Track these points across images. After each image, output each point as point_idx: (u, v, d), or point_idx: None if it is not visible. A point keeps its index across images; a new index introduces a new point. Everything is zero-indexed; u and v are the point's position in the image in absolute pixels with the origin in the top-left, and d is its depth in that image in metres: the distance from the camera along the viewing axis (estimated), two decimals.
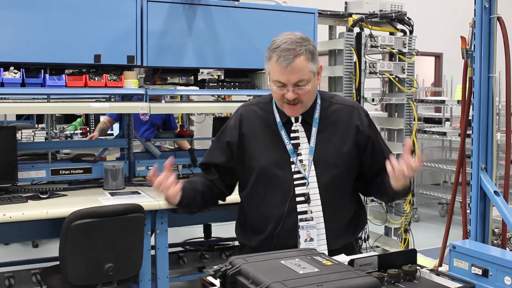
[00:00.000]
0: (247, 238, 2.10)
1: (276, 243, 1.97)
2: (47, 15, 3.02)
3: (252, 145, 2.02)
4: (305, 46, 1.93)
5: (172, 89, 3.50)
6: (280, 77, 1.91)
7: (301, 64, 1.90)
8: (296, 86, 1.91)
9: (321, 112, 2.04)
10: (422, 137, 7.20)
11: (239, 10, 3.49)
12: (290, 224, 1.96)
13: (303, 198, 1.96)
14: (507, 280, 1.51)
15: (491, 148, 2.15)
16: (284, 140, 1.99)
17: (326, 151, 1.99)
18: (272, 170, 1.98)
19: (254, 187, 2.02)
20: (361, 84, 4.43)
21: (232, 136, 2.05)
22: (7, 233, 2.90)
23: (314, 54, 1.96)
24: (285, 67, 1.89)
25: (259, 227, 2.02)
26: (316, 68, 1.98)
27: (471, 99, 2.18)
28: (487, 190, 2.11)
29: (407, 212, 4.76)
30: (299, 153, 1.98)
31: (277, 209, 1.97)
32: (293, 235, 1.96)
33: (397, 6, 4.67)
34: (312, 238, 1.96)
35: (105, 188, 3.39)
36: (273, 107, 2.06)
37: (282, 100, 1.96)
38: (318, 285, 1.29)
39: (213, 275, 1.45)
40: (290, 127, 2.01)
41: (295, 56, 1.89)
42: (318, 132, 2.00)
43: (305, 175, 1.96)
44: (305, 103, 1.97)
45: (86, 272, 2.74)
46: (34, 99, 3.98)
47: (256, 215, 2.04)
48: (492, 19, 2.10)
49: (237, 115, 2.09)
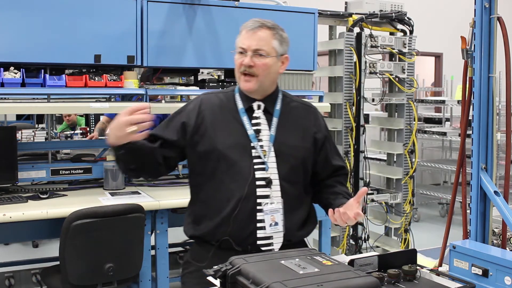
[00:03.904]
0: (198, 227, 2.03)
1: (233, 228, 1.92)
2: (47, 15, 3.02)
3: (211, 130, 1.99)
4: (276, 28, 2.00)
5: (172, 89, 3.50)
6: (243, 42, 1.97)
7: (265, 35, 1.96)
8: (255, 53, 1.94)
9: (282, 106, 2.07)
10: (422, 137, 7.20)
11: (239, 10, 3.49)
12: (248, 208, 1.92)
13: (263, 182, 1.94)
14: (507, 280, 1.51)
15: (491, 148, 2.15)
16: (246, 126, 1.99)
17: (286, 142, 2.01)
18: (232, 155, 1.96)
19: (212, 171, 1.98)
20: (361, 84, 4.43)
21: (189, 118, 2.01)
22: (7, 233, 2.90)
23: (283, 39, 2.01)
24: (250, 31, 1.96)
25: (214, 213, 1.96)
26: (281, 52, 2.01)
27: (471, 99, 2.18)
28: (487, 190, 2.11)
29: (407, 212, 4.76)
30: (260, 139, 1.98)
31: (235, 193, 1.93)
32: (252, 220, 1.92)
33: (397, 6, 4.68)
34: (277, 223, 1.94)
35: (105, 188, 3.39)
36: (234, 96, 2.06)
37: (240, 70, 1.98)
38: (318, 285, 1.29)
39: (213, 275, 1.45)
40: (252, 114, 2.02)
41: (262, 26, 1.97)
42: (278, 123, 2.02)
43: (265, 161, 1.96)
44: (260, 78, 1.97)
45: (86, 272, 2.74)
46: (34, 99, 3.97)
47: (211, 201, 1.99)
48: (492, 19, 2.10)
49: (197, 100, 2.08)
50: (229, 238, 1.92)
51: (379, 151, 5.80)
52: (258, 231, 1.92)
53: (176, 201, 3.06)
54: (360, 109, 4.48)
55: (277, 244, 1.95)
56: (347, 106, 4.45)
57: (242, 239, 1.93)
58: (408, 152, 4.72)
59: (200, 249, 2.03)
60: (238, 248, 1.93)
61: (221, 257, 1.88)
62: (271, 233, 1.94)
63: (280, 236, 1.96)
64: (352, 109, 4.47)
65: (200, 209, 2.03)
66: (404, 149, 4.72)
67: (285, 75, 3.64)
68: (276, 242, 1.95)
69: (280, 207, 1.95)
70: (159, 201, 3.01)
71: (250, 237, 1.93)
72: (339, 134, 4.54)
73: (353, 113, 4.47)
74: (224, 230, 1.93)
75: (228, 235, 1.93)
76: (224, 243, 1.94)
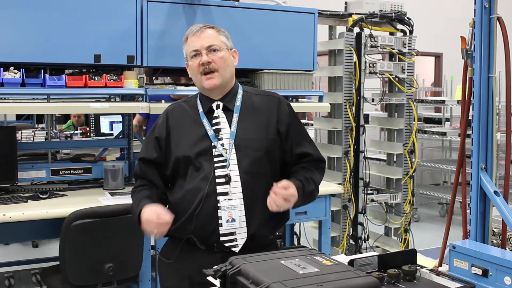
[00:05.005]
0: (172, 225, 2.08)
1: (196, 225, 1.99)
2: (47, 15, 3.02)
3: (177, 137, 2.08)
4: (217, 27, 2.11)
5: (172, 89, 3.50)
6: (194, 45, 2.05)
7: (212, 33, 2.07)
8: (209, 50, 2.03)
9: (243, 101, 2.11)
10: (422, 137, 7.21)
11: (239, 10, 3.49)
12: (210, 205, 1.98)
13: (223, 179, 1.99)
14: (507, 280, 1.51)
15: (491, 148, 2.15)
16: (206, 127, 2.06)
17: (247, 136, 2.05)
18: (195, 158, 2.03)
19: (178, 175, 2.07)
20: (361, 84, 4.43)
21: (160, 132, 2.11)
22: (7, 233, 2.90)
23: (227, 36, 2.12)
24: (197, 33, 2.05)
25: (181, 212, 2.03)
26: (230, 46, 2.11)
27: (471, 99, 2.17)
28: (487, 190, 2.10)
29: (407, 212, 4.76)
30: (220, 137, 2.04)
31: (198, 192, 2.00)
32: (214, 217, 1.98)
33: (397, 6, 4.68)
34: (234, 219, 1.98)
35: (105, 188, 3.39)
36: (197, 101, 2.14)
37: (199, 71, 2.04)
38: (318, 285, 1.29)
39: (213, 275, 1.45)
40: (212, 115, 2.08)
41: (205, 27, 2.08)
42: (239, 119, 2.07)
43: (226, 158, 2.01)
44: (221, 72, 2.04)
45: (86, 272, 2.75)
46: (34, 99, 3.97)
47: (179, 201, 2.06)
48: (492, 19, 2.10)
49: (164, 113, 2.18)
50: (193, 236, 2.00)
51: (379, 151, 5.80)
52: (220, 227, 1.98)
53: None
54: (360, 109, 4.48)
55: (240, 240, 1.99)
56: (347, 106, 4.45)
57: (206, 236, 2.00)
58: (408, 152, 4.72)
59: (170, 246, 2.12)
60: (202, 246, 2.00)
61: (188, 254, 2.01)
62: (230, 230, 1.98)
63: (243, 232, 2.00)
64: (352, 109, 4.47)
65: (172, 208, 2.09)
66: (404, 149, 4.72)
67: (285, 75, 3.64)
68: (240, 238, 1.99)
69: (238, 203, 1.99)
70: None
71: (213, 234, 1.99)
72: (339, 134, 4.54)
73: (353, 113, 4.47)
74: (189, 228, 2.01)
75: (192, 233, 2.00)
76: (189, 240, 2.01)
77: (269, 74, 3.57)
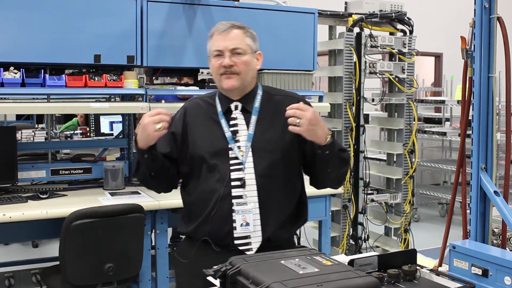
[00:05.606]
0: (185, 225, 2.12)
1: (212, 227, 1.99)
2: (47, 15, 3.02)
3: (193, 135, 2.07)
4: (245, 27, 2.06)
5: (172, 89, 3.50)
6: (218, 45, 2.00)
7: (238, 34, 2.02)
8: (232, 52, 1.98)
9: (262, 102, 2.09)
10: (422, 137, 7.21)
11: (239, 10, 3.49)
12: (225, 208, 1.98)
13: (239, 182, 1.99)
14: (507, 280, 1.51)
15: (491, 148, 2.15)
16: (224, 128, 2.03)
17: (265, 138, 2.03)
18: (210, 158, 2.02)
19: (197, 174, 2.06)
20: (361, 84, 4.43)
21: (176, 127, 2.09)
22: (7, 233, 2.90)
23: (254, 37, 2.08)
24: (223, 33, 2.00)
25: (197, 213, 2.04)
26: (254, 48, 2.06)
27: (471, 99, 2.17)
28: (487, 190, 2.10)
29: (407, 212, 4.76)
30: (238, 139, 2.02)
31: (215, 193, 2.00)
32: (228, 220, 1.98)
33: (397, 6, 4.68)
34: (248, 223, 1.98)
35: (105, 188, 3.39)
36: (216, 99, 2.11)
37: (219, 72, 2.00)
38: (318, 285, 1.29)
39: (213, 275, 1.45)
40: (230, 115, 2.06)
41: (233, 27, 2.02)
42: (257, 120, 2.05)
43: (242, 161, 1.99)
44: (242, 76, 2.01)
45: (86, 272, 2.74)
46: (34, 99, 3.97)
47: (195, 202, 2.06)
48: (492, 19, 2.09)
49: (182, 108, 2.16)
50: (208, 238, 2.00)
51: (379, 151, 5.80)
52: (234, 231, 1.98)
53: (176, 201, 3.04)
54: (360, 109, 4.48)
55: (255, 243, 1.99)
56: (347, 106, 4.45)
57: (221, 238, 2.00)
58: (408, 152, 4.72)
59: (186, 246, 2.13)
60: (217, 248, 2.00)
61: (203, 256, 2.01)
62: (244, 233, 1.98)
63: (258, 235, 1.99)
64: (352, 109, 4.47)
65: (188, 208, 2.10)
66: (404, 149, 4.72)
67: (285, 75, 3.64)
68: (254, 241, 1.99)
69: (252, 208, 1.98)
70: (159, 201, 3.01)
71: (227, 237, 1.99)
72: (339, 134, 4.54)
73: (353, 113, 4.47)
74: (205, 229, 2.01)
75: (207, 234, 2.00)
76: (205, 241, 2.01)
77: (269, 74, 3.58)
